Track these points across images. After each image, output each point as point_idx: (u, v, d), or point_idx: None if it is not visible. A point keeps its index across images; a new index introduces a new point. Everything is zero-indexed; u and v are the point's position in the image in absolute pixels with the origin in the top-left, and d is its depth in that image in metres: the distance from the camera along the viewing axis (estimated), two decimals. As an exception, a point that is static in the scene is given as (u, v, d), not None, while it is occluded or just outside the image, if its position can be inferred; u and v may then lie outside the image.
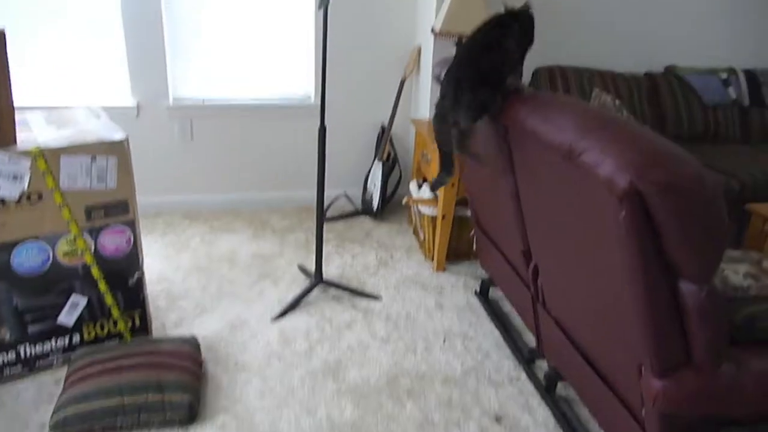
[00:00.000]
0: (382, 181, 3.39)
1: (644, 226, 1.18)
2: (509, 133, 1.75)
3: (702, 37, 3.90)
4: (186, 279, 2.74)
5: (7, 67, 1.78)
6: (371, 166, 3.54)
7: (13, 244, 1.89)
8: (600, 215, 1.31)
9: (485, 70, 1.71)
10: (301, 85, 3.47)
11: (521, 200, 1.85)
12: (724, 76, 3.75)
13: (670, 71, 3.76)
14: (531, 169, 1.67)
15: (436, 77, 2.27)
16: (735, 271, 1.65)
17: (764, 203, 2.65)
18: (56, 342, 2.07)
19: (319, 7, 2.12)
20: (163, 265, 2.86)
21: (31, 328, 2.01)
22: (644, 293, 1.26)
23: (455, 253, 3.02)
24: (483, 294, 2.70)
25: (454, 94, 1.75)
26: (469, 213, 2.78)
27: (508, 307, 2.62)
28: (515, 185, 1.84)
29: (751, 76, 3.76)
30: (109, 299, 2.11)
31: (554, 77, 3.42)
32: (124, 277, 2.14)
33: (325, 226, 3.37)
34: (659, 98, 3.59)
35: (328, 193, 3.60)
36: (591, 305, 1.57)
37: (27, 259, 1.93)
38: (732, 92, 3.70)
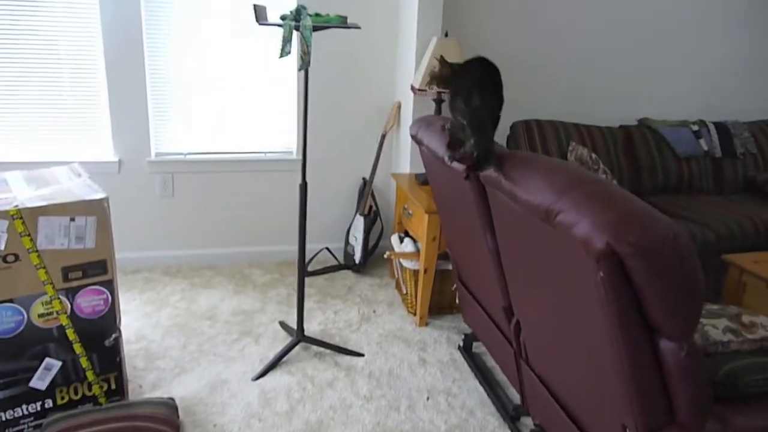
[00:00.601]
0: (363, 234, 3.40)
1: (622, 286, 1.19)
2: (487, 192, 1.77)
3: (673, 91, 4.04)
4: (165, 337, 2.69)
5: (-13, 129, 1.78)
6: (353, 220, 3.56)
7: (-14, 307, 1.85)
8: (579, 275, 1.32)
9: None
10: (283, 139, 3.51)
11: (501, 257, 1.86)
12: (695, 128, 3.86)
13: (643, 124, 3.87)
14: (510, 227, 1.69)
15: (412, 136, 2.31)
16: (714, 326, 1.66)
17: (740, 254, 2.70)
18: (27, 408, 2.00)
19: (300, 69, 2.16)
20: (142, 323, 2.81)
21: (2, 394, 1.95)
22: (625, 352, 1.26)
23: (438, 307, 3.01)
24: (466, 349, 2.68)
25: (480, 95, 1.75)
26: (451, 266, 2.78)
27: (492, 362, 2.60)
28: (495, 242, 1.86)
29: (721, 128, 3.88)
30: (84, 362, 2.06)
31: (531, 131, 3.49)
32: (101, 338, 2.09)
33: (307, 281, 3.35)
34: (634, 150, 3.68)
35: (310, 247, 3.60)
36: (573, 363, 1.57)
37: (0, 321, 1.88)
38: (704, 144, 3.81)
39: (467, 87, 1.78)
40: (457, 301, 2.77)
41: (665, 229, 1.14)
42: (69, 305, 1.99)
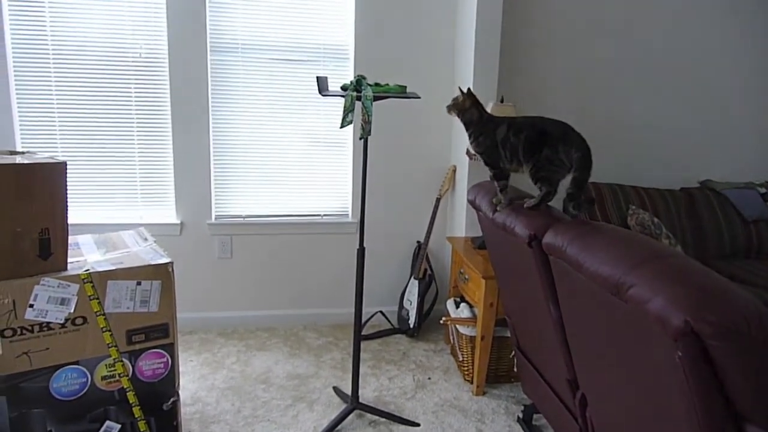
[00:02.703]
0: (418, 298, 3.37)
1: (704, 367, 1.13)
2: (550, 261, 1.73)
3: (735, 152, 3.93)
4: (220, 401, 2.69)
5: (66, 197, 1.88)
6: (407, 284, 3.53)
7: (53, 369, 1.89)
8: (654, 352, 1.26)
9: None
10: (339, 201, 3.56)
11: (566, 328, 1.80)
12: (762, 190, 3.72)
13: (705, 186, 3.75)
14: (576, 298, 1.63)
15: (470, 201, 2.31)
16: (802, 409, 1.54)
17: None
18: (86, 471, 2.01)
19: (361, 137, 2.21)
20: (198, 384, 2.82)
21: (63, 456, 1.97)
22: (708, 438, 1.17)
23: (495, 375, 2.92)
24: (526, 421, 2.57)
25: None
26: (509, 333, 2.71)
27: (554, 437, 2.48)
28: (559, 313, 1.80)
29: (790, 190, 3.73)
30: (142, 426, 2.06)
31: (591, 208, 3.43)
32: (159, 401, 2.10)
33: (361, 345, 3.31)
34: (698, 214, 3.56)
35: (364, 311, 3.57)
36: (648, 445, 1.47)
37: (65, 384, 1.92)
38: (772, 206, 3.66)
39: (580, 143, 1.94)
40: (515, 369, 2.68)
41: (749, 307, 1.07)
42: (131, 368, 2.02)
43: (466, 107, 2.13)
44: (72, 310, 1.88)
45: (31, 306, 1.83)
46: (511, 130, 2.01)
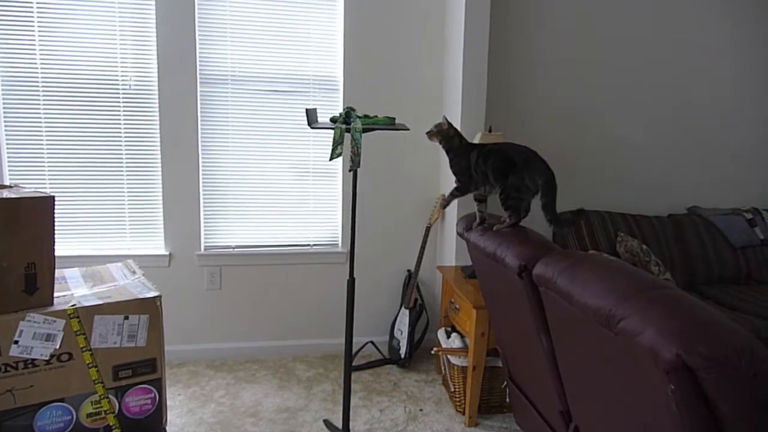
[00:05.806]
0: (409, 328, 3.34)
1: (697, 401, 1.12)
2: (541, 292, 1.73)
3: (720, 179, 3.97)
4: (208, 436, 2.64)
5: (53, 231, 1.86)
6: (398, 313, 3.51)
7: (38, 407, 1.85)
8: (646, 384, 1.25)
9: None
10: (328, 231, 3.55)
11: (557, 359, 1.79)
12: (749, 216, 3.76)
13: (693, 212, 3.79)
14: (567, 329, 1.63)
15: (459, 233, 2.32)
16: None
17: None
18: None
19: (351, 170, 2.21)
20: (186, 419, 2.77)
21: (46, 497, 1.91)
22: (703, 473, 1.16)
23: (488, 406, 2.89)
24: (520, 453, 2.54)
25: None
26: (501, 363, 2.69)
27: (547, 469, 2.44)
28: (550, 344, 1.80)
29: (776, 216, 3.77)
30: (128, 464, 2.02)
31: (578, 221, 3.45)
32: (146, 439, 2.06)
33: (352, 376, 3.27)
34: (686, 240, 3.58)
35: (355, 341, 3.53)
36: (642, 479, 1.46)
37: (50, 422, 1.88)
38: (759, 232, 3.69)
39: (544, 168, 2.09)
40: (508, 400, 2.66)
41: (740, 340, 1.08)
42: (117, 404, 1.98)
43: (451, 134, 2.32)
44: (58, 346, 1.85)
45: (16, 342, 1.80)
46: (481, 157, 2.20)
